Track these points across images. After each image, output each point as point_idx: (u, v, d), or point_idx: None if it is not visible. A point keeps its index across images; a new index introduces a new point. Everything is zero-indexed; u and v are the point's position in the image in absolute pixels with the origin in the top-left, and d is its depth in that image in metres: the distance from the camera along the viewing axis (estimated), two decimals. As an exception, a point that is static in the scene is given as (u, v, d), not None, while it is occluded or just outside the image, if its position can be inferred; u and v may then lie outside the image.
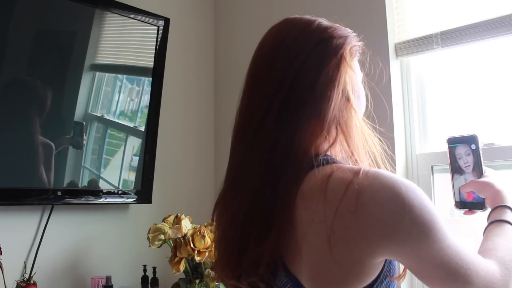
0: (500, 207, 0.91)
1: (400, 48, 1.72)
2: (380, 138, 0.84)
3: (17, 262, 1.67)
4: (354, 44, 0.84)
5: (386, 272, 0.75)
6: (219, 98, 2.37)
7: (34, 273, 1.64)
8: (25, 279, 1.61)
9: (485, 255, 0.80)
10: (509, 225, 0.88)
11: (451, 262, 0.72)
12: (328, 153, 0.79)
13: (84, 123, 1.81)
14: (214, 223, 0.87)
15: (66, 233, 1.83)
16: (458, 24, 1.57)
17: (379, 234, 0.69)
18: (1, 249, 1.50)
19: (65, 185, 1.76)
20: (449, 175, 1.06)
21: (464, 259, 0.73)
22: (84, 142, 1.81)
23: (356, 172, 0.72)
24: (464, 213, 1.03)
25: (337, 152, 0.81)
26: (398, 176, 0.73)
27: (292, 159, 0.75)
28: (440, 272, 0.72)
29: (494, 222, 0.89)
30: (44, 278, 1.70)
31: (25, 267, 1.68)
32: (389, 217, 0.69)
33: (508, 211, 0.90)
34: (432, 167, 1.65)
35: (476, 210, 1.00)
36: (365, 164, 0.81)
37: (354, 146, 0.80)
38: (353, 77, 0.81)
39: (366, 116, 0.87)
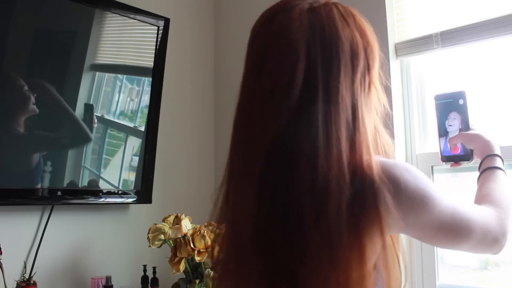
0: (491, 156, 0.99)
1: (400, 48, 1.72)
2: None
3: (17, 262, 1.67)
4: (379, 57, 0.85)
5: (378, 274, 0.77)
6: (219, 98, 2.37)
7: (34, 273, 1.64)
8: (25, 279, 1.61)
9: (480, 201, 0.89)
10: (500, 171, 0.96)
11: (451, 221, 0.79)
12: None
13: (94, 104, 1.82)
14: (219, 221, 0.84)
15: (66, 233, 1.83)
16: (458, 24, 1.56)
17: (386, 213, 0.74)
18: (1, 249, 1.50)
19: (65, 185, 1.76)
20: (437, 136, 1.12)
21: (462, 214, 0.80)
22: (95, 125, 1.82)
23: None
24: (451, 165, 1.10)
25: None
26: (395, 160, 0.82)
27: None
28: (442, 232, 0.79)
29: (486, 170, 0.96)
30: (44, 278, 1.70)
31: (25, 267, 1.68)
32: (390, 196, 0.74)
33: (498, 159, 0.98)
34: (432, 167, 1.65)
35: (462, 162, 1.08)
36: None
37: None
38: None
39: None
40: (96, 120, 1.83)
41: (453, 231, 0.79)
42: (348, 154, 0.74)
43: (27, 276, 1.63)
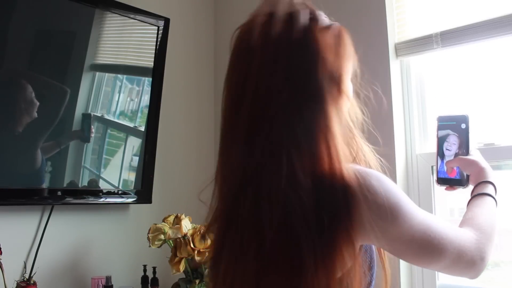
0: (483, 182, 0.97)
1: (400, 48, 1.72)
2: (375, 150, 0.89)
3: (17, 262, 1.67)
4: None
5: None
6: (219, 99, 2.36)
7: (34, 273, 1.64)
8: (25, 279, 1.61)
9: (463, 225, 0.87)
10: (489, 197, 0.94)
11: (423, 237, 0.77)
12: None
13: (92, 113, 1.82)
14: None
15: (66, 233, 1.83)
16: (458, 24, 1.56)
17: (356, 223, 0.74)
18: (1, 249, 1.50)
19: (65, 185, 1.76)
20: (435, 155, 1.11)
21: (436, 231, 0.78)
22: (92, 135, 1.82)
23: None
24: (446, 189, 1.09)
25: None
26: (367, 169, 0.79)
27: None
28: (412, 248, 0.77)
29: (477, 196, 0.95)
30: (44, 278, 1.70)
31: (25, 267, 1.68)
32: (364, 205, 0.74)
33: (490, 186, 0.97)
34: (432, 167, 1.65)
35: (457, 186, 1.07)
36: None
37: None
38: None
39: (366, 117, 0.89)
40: (93, 130, 1.83)
41: (424, 248, 0.77)
42: (310, 163, 0.74)
43: (27, 276, 1.63)
